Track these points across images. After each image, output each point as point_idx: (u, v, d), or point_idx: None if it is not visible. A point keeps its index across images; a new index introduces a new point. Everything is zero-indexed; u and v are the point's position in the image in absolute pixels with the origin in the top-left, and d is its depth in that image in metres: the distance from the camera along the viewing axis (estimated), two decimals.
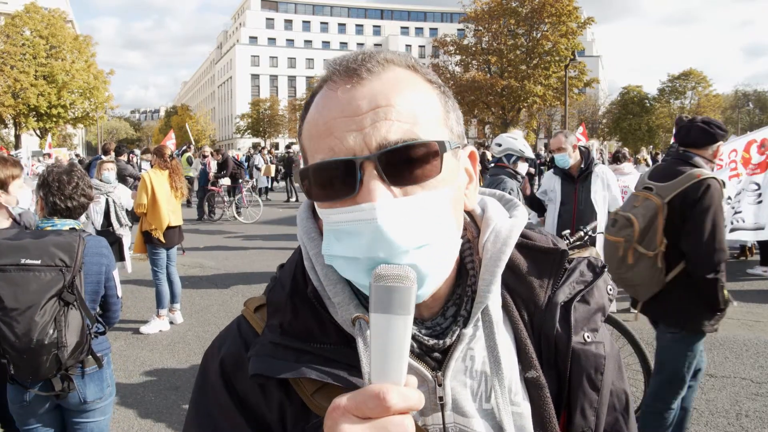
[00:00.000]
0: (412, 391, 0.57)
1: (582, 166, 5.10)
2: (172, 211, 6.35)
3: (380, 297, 0.59)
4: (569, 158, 5.07)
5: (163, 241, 6.25)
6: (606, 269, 0.88)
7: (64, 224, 2.72)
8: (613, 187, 5.23)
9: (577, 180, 5.10)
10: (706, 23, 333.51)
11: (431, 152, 0.68)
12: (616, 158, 7.15)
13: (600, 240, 5.05)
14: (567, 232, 4.86)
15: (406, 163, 0.67)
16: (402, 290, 0.59)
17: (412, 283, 0.60)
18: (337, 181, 0.68)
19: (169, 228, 6.31)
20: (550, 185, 5.26)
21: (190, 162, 18.75)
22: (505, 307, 0.82)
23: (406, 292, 0.59)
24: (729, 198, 6.25)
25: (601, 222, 5.00)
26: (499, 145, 5.10)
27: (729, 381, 4.70)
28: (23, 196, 3.89)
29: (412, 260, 0.65)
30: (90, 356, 2.58)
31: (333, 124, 0.69)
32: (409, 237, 0.65)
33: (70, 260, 2.45)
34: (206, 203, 15.76)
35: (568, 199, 5.11)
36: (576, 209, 5.05)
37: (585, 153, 5.18)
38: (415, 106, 0.70)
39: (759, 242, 8.33)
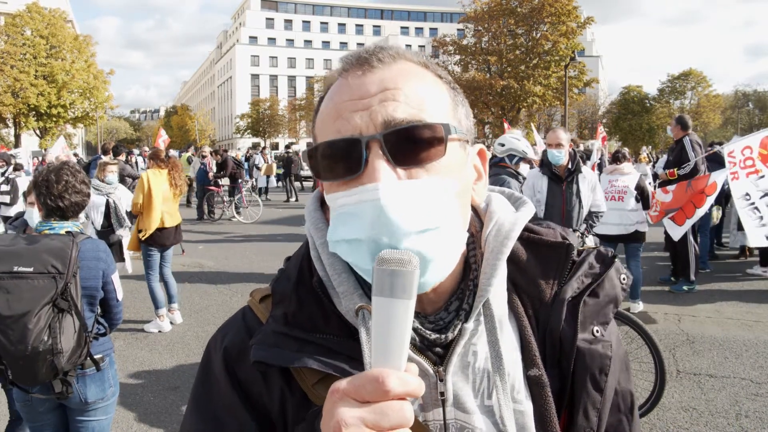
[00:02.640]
0: (412, 377, 0.57)
1: (569, 166, 5.06)
2: (167, 212, 6.31)
3: (382, 280, 0.59)
4: (565, 156, 5.01)
5: (144, 241, 6.19)
6: (616, 258, 0.86)
7: (62, 227, 2.68)
8: (598, 190, 5.21)
9: (564, 180, 5.05)
10: (707, 23, 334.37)
11: (436, 135, 0.69)
12: (615, 158, 7.11)
13: (589, 241, 5.08)
14: (583, 227, 4.88)
15: (411, 144, 0.68)
16: (404, 274, 0.59)
17: (415, 268, 0.60)
18: (342, 160, 0.69)
19: (164, 229, 6.28)
20: (538, 184, 5.11)
21: (189, 162, 18.75)
22: (510, 303, 0.81)
23: (408, 275, 0.59)
24: (747, 195, 6.11)
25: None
26: (502, 145, 5.11)
27: (729, 381, 4.69)
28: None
29: (414, 245, 0.64)
30: (88, 359, 2.57)
31: (342, 106, 0.71)
32: (412, 220, 0.65)
33: (62, 267, 2.41)
34: (206, 203, 15.74)
35: (554, 199, 5.03)
36: (565, 210, 5.00)
37: (572, 154, 5.14)
38: (422, 94, 0.71)
39: None
